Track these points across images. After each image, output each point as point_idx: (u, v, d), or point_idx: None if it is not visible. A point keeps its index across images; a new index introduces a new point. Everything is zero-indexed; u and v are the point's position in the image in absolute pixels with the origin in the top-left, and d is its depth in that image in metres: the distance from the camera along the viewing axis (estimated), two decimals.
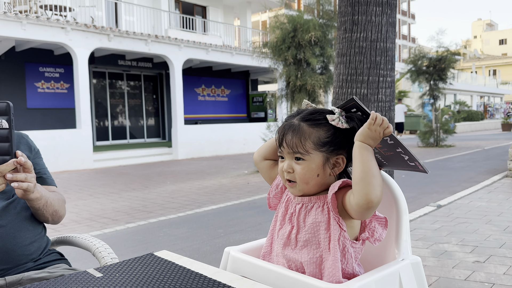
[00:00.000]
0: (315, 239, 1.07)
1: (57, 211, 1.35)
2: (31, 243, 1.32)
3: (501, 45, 68.74)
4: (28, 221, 1.35)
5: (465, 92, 34.31)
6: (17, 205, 1.33)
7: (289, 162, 1.09)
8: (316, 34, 8.36)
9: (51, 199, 1.32)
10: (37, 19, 9.90)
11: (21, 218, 1.32)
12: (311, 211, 1.10)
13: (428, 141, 14.78)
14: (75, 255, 3.47)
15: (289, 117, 1.14)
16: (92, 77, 13.86)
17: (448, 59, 13.83)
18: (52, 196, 1.35)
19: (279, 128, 1.13)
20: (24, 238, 1.30)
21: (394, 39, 2.51)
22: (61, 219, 1.42)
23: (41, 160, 1.47)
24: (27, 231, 1.33)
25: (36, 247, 1.34)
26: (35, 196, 1.21)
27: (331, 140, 1.08)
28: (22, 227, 1.31)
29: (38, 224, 1.39)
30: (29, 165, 1.14)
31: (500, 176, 7.21)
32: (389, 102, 2.51)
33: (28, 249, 1.30)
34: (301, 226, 1.10)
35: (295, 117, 1.12)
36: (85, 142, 10.63)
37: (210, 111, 17.60)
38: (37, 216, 1.33)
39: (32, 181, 1.16)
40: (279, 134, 1.11)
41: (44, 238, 1.40)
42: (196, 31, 16.08)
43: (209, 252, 3.65)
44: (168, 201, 6.11)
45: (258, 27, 29.45)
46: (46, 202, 1.29)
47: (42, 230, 1.41)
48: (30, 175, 1.15)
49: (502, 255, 3.19)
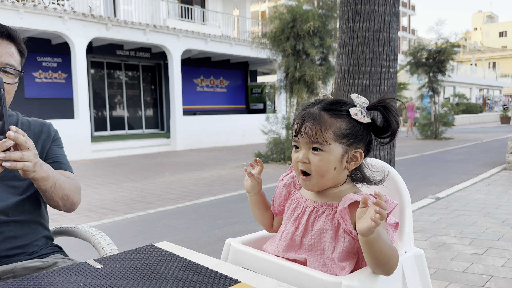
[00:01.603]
0: (320, 245, 1.05)
1: (68, 195, 1.26)
2: (31, 242, 1.30)
3: (501, 37, 68.51)
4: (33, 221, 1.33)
5: (464, 84, 34.27)
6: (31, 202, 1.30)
7: (305, 152, 1.04)
8: (315, 24, 8.30)
9: (61, 182, 1.22)
10: (35, 7, 9.80)
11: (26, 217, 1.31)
12: (321, 217, 1.06)
13: (427, 134, 14.80)
14: (74, 245, 3.46)
15: (308, 105, 1.09)
16: (90, 67, 13.77)
17: (448, 51, 13.79)
18: (64, 179, 1.25)
19: (296, 116, 1.08)
20: (25, 238, 1.29)
21: (397, 30, 2.48)
22: (75, 206, 1.32)
23: (60, 148, 1.41)
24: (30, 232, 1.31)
25: (38, 246, 1.33)
26: (39, 175, 1.12)
27: (351, 132, 1.04)
28: (25, 226, 1.30)
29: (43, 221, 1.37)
30: (21, 141, 1.02)
31: (499, 168, 7.22)
32: (391, 93, 2.49)
33: (28, 247, 1.29)
34: (309, 230, 1.07)
35: (314, 106, 1.07)
36: (83, 133, 10.59)
37: (208, 102, 17.55)
38: (47, 200, 1.25)
39: (30, 159, 1.05)
40: (297, 122, 1.06)
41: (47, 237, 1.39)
42: (195, 21, 15.96)
43: (208, 243, 3.66)
44: (166, 192, 6.11)
45: (258, 17, 29.26)
46: (55, 184, 1.19)
47: (47, 231, 1.39)
48: (28, 153, 1.04)
49: (500, 247, 3.19)
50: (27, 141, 1.05)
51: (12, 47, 1.25)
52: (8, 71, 1.22)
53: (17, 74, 1.25)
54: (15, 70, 1.24)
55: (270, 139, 9.36)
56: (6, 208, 1.25)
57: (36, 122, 1.39)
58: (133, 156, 11.29)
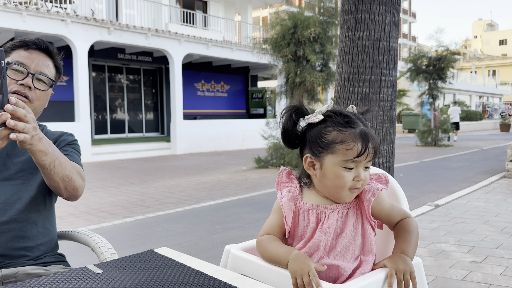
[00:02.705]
0: (353, 245, 1.08)
1: (69, 177, 1.23)
2: (37, 246, 1.31)
3: (501, 45, 68.74)
4: (42, 222, 1.34)
5: (464, 92, 34.35)
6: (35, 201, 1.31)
7: (360, 171, 1.06)
8: (316, 30, 8.35)
9: (62, 161, 1.20)
10: (37, 11, 9.85)
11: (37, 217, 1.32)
12: (348, 217, 1.09)
13: (427, 140, 14.81)
14: (73, 248, 3.46)
15: (355, 123, 1.06)
16: (91, 70, 13.81)
17: (448, 59, 13.84)
18: (66, 159, 1.23)
19: (348, 136, 1.04)
20: (34, 239, 1.30)
21: (397, 39, 2.50)
22: (78, 192, 1.29)
23: (74, 151, 1.42)
24: (38, 233, 1.31)
25: (43, 251, 1.33)
26: (37, 147, 1.10)
27: None
28: (35, 227, 1.31)
29: (51, 228, 1.38)
30: (21, 114, 1.02)
31: (498, 176, 7.23)
32: (390, 101, 2.50)
33: (34, 251, 1.30)
34: (339, 233, 1.08)
35: (362, 123, 1.08)
36: (83, 136, 10.61)
37: (209, 107, 17.57)
38: (47, 181, 1.22)
39: (28, 132, 1.05)
40: (362, 143, 1.03)
41: (54, 243, 1.40)
42: (196, 25, 16.02)
43: (207, 248, 3.66)
44: (166, 196, 6.11)
45: (259, 23, 29.37)
46: (54, 161, 1.17)
47: (54, 235, 1.39)
48: (28, 126, 1.04)
49: (499, 255, 3.20)
50: (26, 114, 1.05)
51: (49, 61, 1.38)
52: (41, 78, 1.33)
53: (49, 83, 1.36)
54: (47, 78, 1.34)
55: (270, 144, 9.37)
56: (21, 207, 1.27)
57: (57, 132, 1.47)
58: (133, 160, 11.29)
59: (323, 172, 1.07)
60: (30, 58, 1.32)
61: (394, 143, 2.67)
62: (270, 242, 1.10)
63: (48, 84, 1.36)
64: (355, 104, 2.46)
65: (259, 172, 8.55)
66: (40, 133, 1.12)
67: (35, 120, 1.09)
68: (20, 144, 1.07)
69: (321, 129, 1.06)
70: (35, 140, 1.09)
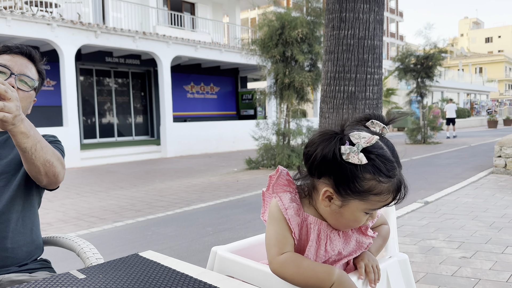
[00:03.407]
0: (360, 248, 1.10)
1: (50, 162, 1.20)
2: (19, 247, 1.29)
3: (487, 43, 69.68)
4: (23, 223, 1.32)
5: (452, 89, 34.71)
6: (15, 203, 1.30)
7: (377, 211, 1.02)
8: (303, 31, 8.37)
9: (43, 144, 1.17)
10: (22, 15, 9.73)
11: (17, 218, 1.30)
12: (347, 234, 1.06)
13: (416, 138, 14.94)
14: (62, 255, 3.42)
15: (395, 171, 0.95)
16: (79, 74, 13.69)
17: (435, 57, 13.98)
18: (47, 144, 1.21)
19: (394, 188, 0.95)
20: (14, 240, 1.28)
21: (382, 37, 2.52)
22: (58, 178, 1.26)
23: (57, 148, 1.39)
24: (19, 234, 1.30)
25: (25, 253, 1.31)
26: (18, 129, 1.07)
27: None
28: (15, 228, 1.29)
29: (33, 230, 1.36)
30: (0, 90, 1.00)
31: (486, 172, 7.31)
32: (376, 99, 2.52)
33: (16, 252, 1.28)
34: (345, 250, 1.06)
35: (398, 166, 0.97)
36: (72, 140, 10.50)
37: (199, 109, 17.53)
38: (27, 166, 1.19)
39: (10, 111, 1.02)
40: (395, 195, 0.96)
41: (36, 245, 1.38)
42: (184, 28, 15.97)
43: (198, 250, 3.64)
44: (156, 199, 6.07)
45: (247, 24, 29.39)
46: (36, 145, 1.14)
47: (36, 238, 1.38)
48: (9, 104, 1.01)
49: (488, 250, 3.23)
50: (7, 90, 1.02)
51: (31, 65, 1.41)
52: (23, 79, 1.36)
53: (32, 85, 1.38)
54: (30, 79, 1.37)
55: (260, 145, 9.37)
56: (1, 208, 1.25)
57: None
58: (123, 164, 11.21)
59: (342, 211, 0.96)
60: (13, 61, 1.35)
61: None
62: (301, 261, 0.96)
63: (31, 87, 1.37)
64: (341, 102, 2.46)
65: (250, 173, 8.54)
66: (23, 115, 1.10)
67: (18, 99, 1.06)
68: (2, 124, 1.05)
69: (358, 173, 0.91)
70: (18, 120, 1.06)
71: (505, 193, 5.46)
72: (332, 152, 0.91)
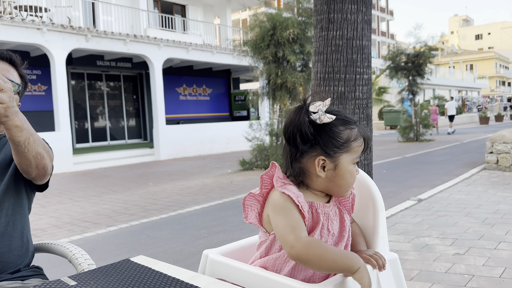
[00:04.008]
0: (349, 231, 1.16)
1: (41, 154, 1.20)
2: (10, 251, 1.28)
3: (477, 40, 70.30)
4: (13, 227, 1.31)
5: (443, 86, 34.96)
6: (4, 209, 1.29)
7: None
8: (294, 31, 8.39)
9: (36, 137, 1.18)
10: (12, 20, 9.66)
11: (6, 222, 1.29)
12: (340, 212, 1.14)
13: (408, 136, 15.02)
14: (55, 261, 3.40)
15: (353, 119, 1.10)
16: (70, 79, 13.60)
17: (425, 55, 14.08)
18: (38, 136, 1.21)
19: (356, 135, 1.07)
20: (5, 244, 1.27)
21: (370, 37, 2.53)
22: (46, 170, 1.26)
23: None
24: (9, 238, 1.29)
25: (17, 256, 1.30)
26: (13, 122, 1.07)
27: None
28: (5, 232, 1.28)
29: (23, 234, 1.35)
30: None
31: (479, 169, 7.37)
32: (366, 99, 2.53)
33: (7, 256, 1.27)
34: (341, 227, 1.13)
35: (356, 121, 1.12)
36: (64, 145, 10.43)
37: (192, 111, 17.49)
38: (18, 159, 1.18)
39: (3, 101, 1.00)
40: (364, 139, 1.09)
41: (27, 249, 1.37)
42: (175, 30, 15.93)
43: (193, 253, 3.63)
44: (150, 202, 6.05)
45: (239, 25, 29.39)
46: (29, 138, 1.14)
47: (27, 242, 1.37)
48: (2, 95, 1.00)
49: (481, 246, 3.25)
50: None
51: (12, 69, 1.40)
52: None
53: (16, 89, 1.36)
54: (13, 82, 1.35)
55: (254, 146, 9.37)
56: None
57: None
58: (116, 167, 11.15)
59: (338, 172, 1.05)
60: None
61: (371, 140, 2.69)
62: (325, 244, 1.01)
63: (14, 91, 1.34)
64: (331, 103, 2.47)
65: (244, 175, 8.54)
66: (16, 107, 1.08)
67: (11, 90, 1.05)
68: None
69: (332, 129, 1.04)
70: (11, 112, 1.05)
71: (497, 189, 5.50)
72: (307, 122, 1.03)
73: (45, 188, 1.41)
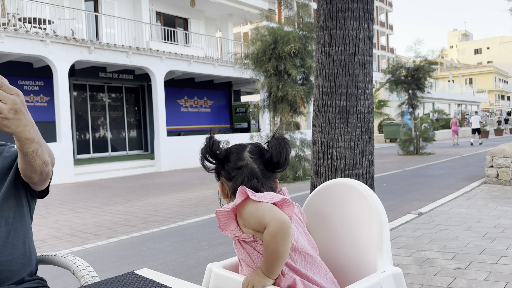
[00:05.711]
0: None
1: (46, 162, 1.19)
2: (13, 259, 1.28)
3: (476, 54, 70.78)
4: (15, 235, 1.32)
5: (443, 100, 35.08)
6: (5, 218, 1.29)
7: None
8: (296, 45, 8.47)
9: (44, 146, 1.17)
10: (16, 32, 9.76)
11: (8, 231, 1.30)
12: None
13: (408, 149, 15.03)
14: (56, 272, 3.39)
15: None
16: (72, 90, 13.68)
17: (425, 69, 14.17)
18: (46, 143, 1.20)
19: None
20: (7, 253, 1.27)
21: (372, 52, 2.56)
22: (48, 175, 1.26)
23: None
24: (11, 246, 1.29)
25: (19, 264, 1.30)
26: (24, 135, 1.06)
27: None
28: (7, 241, 1.28)
29: (25, 242, 1.36)
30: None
31: (479, 182, 7.36)
32: (367, 113, 2.55)
33: (10, 265, 1.27)
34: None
35: None
36: (65, 156, 10.45)
37: (193, 122, 17.54)
38: (24, 166, 1.17)
39: (7, 101, 0.97)
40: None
41: (30, 257, 1.37)
42: (177, 43, 16.07)
43: (193, 265, 3.62)
44: (150, 214, 6.04)
45: (240, 39, 29.64)
46: (38, 149, 1.13)
47: (29, 250, 1.37)
48: (3, 105, 0.97)
49: (482, 261, 3.24)
50: (3, 82, 0.98)
51: None
52: None
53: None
54: None
55: None
56: None
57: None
58: (117, 179, 11.15)
59: None
60: None
61: (373, 154, 2.71)
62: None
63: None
64: (333, 117, 2.50)
65: None
66: (25, 120, 1.05)
67: (15, 103, 1.01)
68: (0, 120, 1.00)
69: None
70: (13, 124, 1.02)
71: (497, 203, 5.50)
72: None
73: (45, 194, 1.41)
